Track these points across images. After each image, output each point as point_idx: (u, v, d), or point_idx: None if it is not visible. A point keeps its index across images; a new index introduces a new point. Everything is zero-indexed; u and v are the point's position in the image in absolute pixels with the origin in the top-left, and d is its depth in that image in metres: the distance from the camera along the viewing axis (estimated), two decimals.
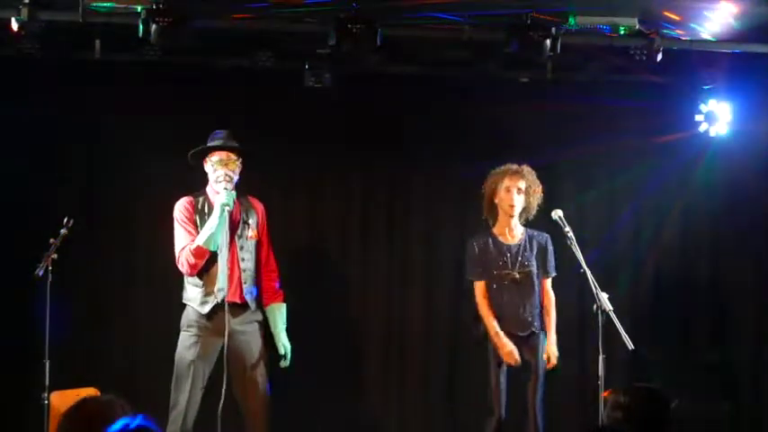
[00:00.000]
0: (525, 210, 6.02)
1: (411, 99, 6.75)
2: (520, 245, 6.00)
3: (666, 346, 6.89)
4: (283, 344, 5.82)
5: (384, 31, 5.82)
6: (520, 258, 5.97)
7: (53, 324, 5.49)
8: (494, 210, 6.05)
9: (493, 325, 5.89)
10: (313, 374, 6.51)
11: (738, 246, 7.06)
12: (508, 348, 5.84)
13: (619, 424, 3.57)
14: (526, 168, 6.02)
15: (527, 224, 6.07)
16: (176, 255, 5.69)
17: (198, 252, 5.61)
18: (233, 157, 5.74)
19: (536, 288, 5.98)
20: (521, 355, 5.91)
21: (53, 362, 5.47)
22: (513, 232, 6.02)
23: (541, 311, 6.00)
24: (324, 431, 6.57)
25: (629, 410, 3.57)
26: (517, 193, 5.96)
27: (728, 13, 5.89)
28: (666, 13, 5.97)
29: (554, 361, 5.94)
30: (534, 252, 6.00)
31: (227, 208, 5.59)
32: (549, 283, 6.06)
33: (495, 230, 6.04)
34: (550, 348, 5.95)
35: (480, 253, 6.00)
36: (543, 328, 5.97)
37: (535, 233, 6.05)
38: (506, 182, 5.96)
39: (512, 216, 5.99)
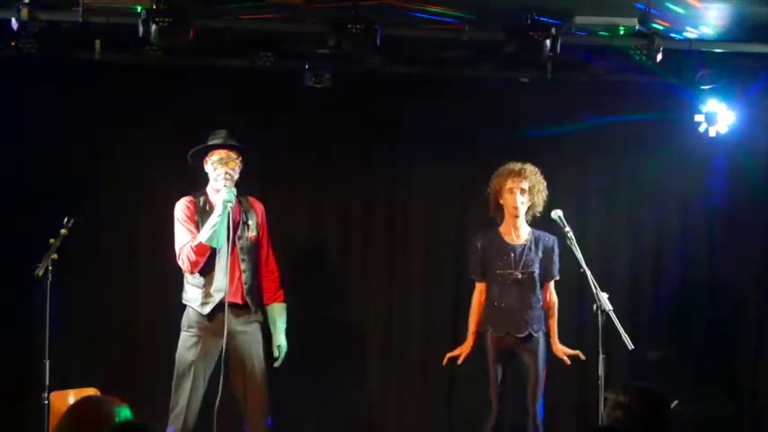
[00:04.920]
0: (531, 208, 6.01)
1: (411, 99, 6.75)
2: (525, 245, 5.99)
3: (666, 346, 6.89)
4: (279, 345, 5.84)
5: (384, 30, 5.82)
6: (524, 259, 5.96)
7: (53, 324, 5.49)
8: (500, 210, 6.05)
9: (472, 327, 5.99)
10: (313, 374, 6.51)
11: (738, 246, 7.06)
12: (463, 352, 5.97)
13: (619, 423, 3.57)
14: (529, 168, 6.00)
15: (533, 224, 6.06)
16: (177, 252, 5.69)
17: (199, 249, 5.61)
18: (233, 155, 5.74)
19: (537, 290, 5.97)
20: (518, 356, 5.93)
21: (53, 362, 5.47)
22: (519, 232, 6.01)
23: (544, 314, 6.00)
24: (324, 430, 6.57)
25: (629, 410, 3.57)
26: (520, 194, 5.95)
27: (727, 13, 5.88)
28: (663, 19, 5.97)
29: (579, 353, 5.95)
30: (539, 254, 5.99)
31: (229, 204, 5.59)
32: (552, 285, 6.05)
33: (502, 230, 6.04)
34: (563, 349, 5.97)
35: (483, 252, 6.00)
36: (545, 331, 5.97)
37: (542, 234, 6.03)
38: (509, 183, 5.95)
39: (517, 217, 5.98)
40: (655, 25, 5.98)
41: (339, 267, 6.88)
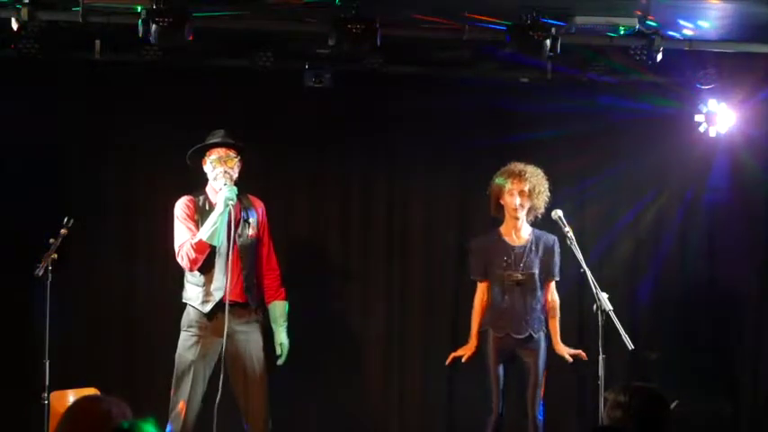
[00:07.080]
0: (531, 210, 6.01)
1: (411, 99, 6.75)
2: (525, 246, 5.99)
3: (666, 346, 6.89)
4: (281, 343, 5.86)
5: (384, 30, 5.82)
6: (524, 260, 5.96)
7: (53, 324, 5.49)
8: (500, 209, 6.05)
9: (474, 327, 6.01)
10: (313, 373, 6.51)
11: (738, 246, 7.06)
12: (467, 352, 5.98)
13: (619, 423, 3.57)
14: (530, 169, 5.99)
15: (535, 224, 6.07)
16: (176, 250, 5.69)
17: (199, 246, 5.61)
18: (231, 154, 5.75)
19: (538, 291, 5.97)
20: (519, 357, 5.95)
21: (53, 362, 5.47)
22: (520, 233, 6.01)
23: (545, 315, 6.00)
24: (324, 430, 6.57)
25: (629, 410, 3.56)
26: (520, 196, 5.94)
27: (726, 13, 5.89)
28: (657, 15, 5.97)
29: (582, 353, 5.98)
30: (540, 254, 5.99)
31: (230, 203, 5.59)
32: (553, 286, 6.06)
33: (502, 230, 6.04)
34: (566, 349, 5.99)
35: (483, 253, 6.01)
36: (545, 331, 5.98)
37: (543, 234, 6.03)
38: (509, 185, 5.95)
39: (517, 218, 5.98)
40: (651, 23, 5.98)
41: (339, 267, 6.88)
